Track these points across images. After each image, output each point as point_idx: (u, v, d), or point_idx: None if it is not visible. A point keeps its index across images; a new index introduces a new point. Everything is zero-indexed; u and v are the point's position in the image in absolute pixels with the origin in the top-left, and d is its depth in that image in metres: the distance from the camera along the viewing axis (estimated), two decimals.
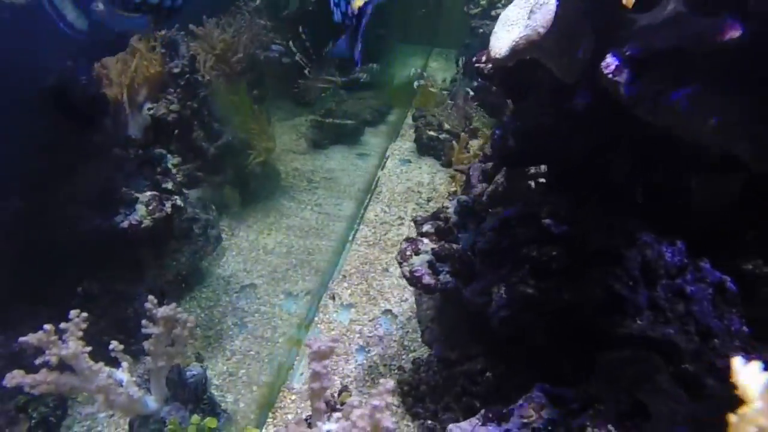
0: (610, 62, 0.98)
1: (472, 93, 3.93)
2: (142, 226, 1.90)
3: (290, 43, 3.51)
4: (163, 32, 2.76)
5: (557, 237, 1.41)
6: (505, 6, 3.98)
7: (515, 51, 1.18)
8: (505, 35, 1.28)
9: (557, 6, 1.17)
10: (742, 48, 0.94)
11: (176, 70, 2.59)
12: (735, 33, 0.97)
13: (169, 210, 1.96)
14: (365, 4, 1.43)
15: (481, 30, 4.16)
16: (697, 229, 1.58)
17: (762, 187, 0.87)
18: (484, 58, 1.69)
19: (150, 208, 1.92)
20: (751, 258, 1.52)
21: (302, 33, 3.42)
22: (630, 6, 1.45)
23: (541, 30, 1.15)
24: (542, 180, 2.10)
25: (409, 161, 3.67)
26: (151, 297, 1.49)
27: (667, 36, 1.08)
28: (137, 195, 1.96)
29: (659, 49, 0.96)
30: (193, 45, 2.98)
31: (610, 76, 0.98)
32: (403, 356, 2.25)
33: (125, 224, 1.87)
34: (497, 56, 1.23)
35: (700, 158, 1.12)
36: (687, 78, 0.91)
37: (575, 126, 1.39)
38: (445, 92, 4.08)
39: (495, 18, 4.02)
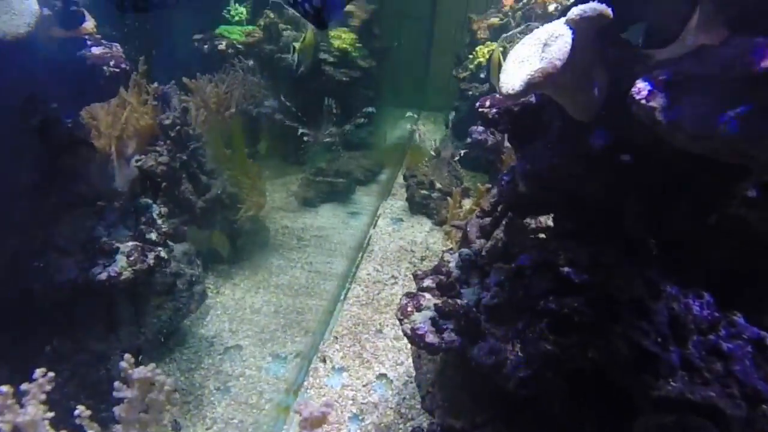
0: (641, 87, 0.92)
1: (462, 152, 3.94)
2: (122, 278, 1.75)
3: (284, 100, 3.50)
4: (155, 85, 2.72)
5: (578, 287, 1.30)
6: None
7: (531, 84, 1.12)
8: (517, 71, 1.22)
9: (573, 38, 1.12)
10: None
11: (167, 122, 2.53)
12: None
13: (151, 262, 1.82)
14: None
15: (470, 92, 4.22)
16: (719, 280, 1.49)
17: None
18: (488, 103, 1.64)
19: (131, 259, 1.78)
20: None
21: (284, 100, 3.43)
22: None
23: (558, 62, 1.10)
24: (542, 235, 2.02)
25: (401, 220, 3.58)
26: (127, 356, 1.33)
27: (694, 65, 1.03)
28: (118, 245, 1.82)
29: (693, 74, 0.90)
30: (186, 98, 2.94)
31: (643, 101, 0.91)
32: (401, 425, 2.07)
33: (103, 276, 1.72)
34: (510, 92, 1.17)
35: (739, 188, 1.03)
36: (731, 101, 0.85)
37: (590, 168, 1.32)
38: (435, 153, 4.08)
39: (483, 81, 4.12)
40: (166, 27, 4.44)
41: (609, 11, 1.11)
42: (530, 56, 1.25)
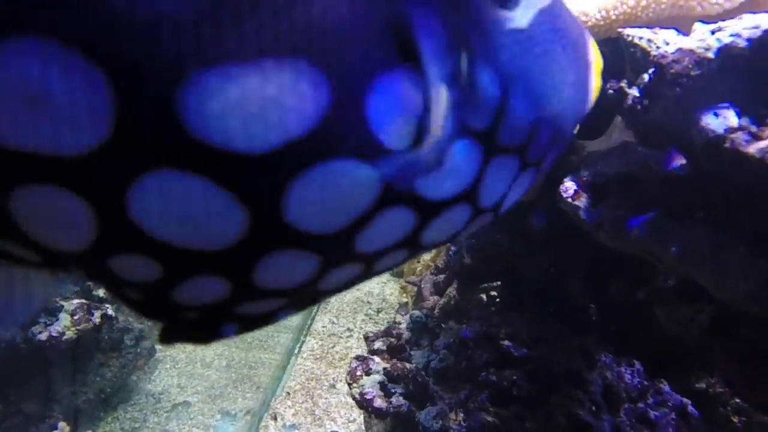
0: (568, 186, 0.99)
1: None
2: (64, 338, 1.70)
3: None
4: None
5: (517, 360, 1.35)
6: None
7: None
8: None
9: None
10: (691, 177, 0.97)
11: None
12: (679, 163, 1.01)
13: (97, 320, 1.78)
14: None
15: None
16: (652, 348, 1.57)
17: (729, 314, 0.86)
18: None
19: (76, 317, 1.74)
20: (704, 377, 1.51)
21: None
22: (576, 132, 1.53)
23: None
24: (494, 293, 2.08)
25: None
26: (62, 424, 1.29)
27: (616, 163, 1.12)
28: (63, 303, 1.78)
29: (614, 175, 0.97)
30: None
31: (570, 200, 0.98)
32: None
33: (43, 336, 1.67)
34: None
35: (658, 284, 1.11)
36: (645, 205, 0.92)
37: (531, 245, 1.39)
38: None
39: None
40: None
41: None
42: None
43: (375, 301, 3.25)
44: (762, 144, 0.69)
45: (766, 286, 0.70)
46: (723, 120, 0.74)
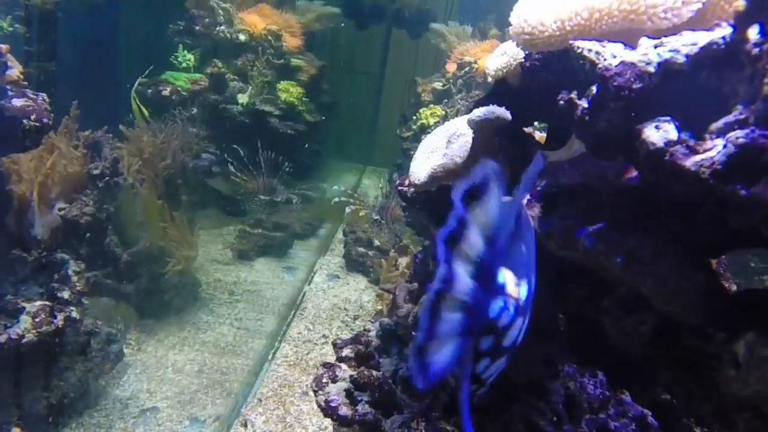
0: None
1: (402, 211, 4.01)
2: (24, 341, 1.67)
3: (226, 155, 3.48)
4: (87, 132, 2.68)
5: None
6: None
7: (433, 178, 1.19)
8: (425, 161, 1.30)
9: (473, 138, 1.20)
10: (640, 189, 0.98)
11: (96, 172, 2.48)
12: (632, 174, 1.02)
13: (60, 323, 1.76)
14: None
15: (411, 152, 4.30)
16: (614, 359, 1.57)
17: (672, 326, 0.87)
18: (407, 182, 1.71)
19: (37, 320, 1.72)
20: (653, 387, 1.51)
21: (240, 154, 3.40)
22: (543, 142, 1.54)
23: (458, 159, 1.17)
24: None
25: (338, 277, 3.59)
26: (16, 430, 1.27)
27: (574, 173, 1.13)
28: (24, 304, 1.75)
29: (568, 185, 0.98)
30: (120, 145, 2.91)
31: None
32: None
33: (2, 338, 1.64)
34: (417, 182, 1.24)
35: (611, 294, 1.12)
36: (594, 215, 0.93)
37: None
38: (374, 209, 4.14)
39: None
40: (109, 68, 4.42)
41: (507, 115, 1.21)
42: (438, 148, 1.33)
43: (352, 308, 3.24)
44: (698, 158, 0.70)
45: (701, 297, 0.71)
46: (663, 133, 0.75)
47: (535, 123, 1.70)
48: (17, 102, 1.86)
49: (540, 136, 1.54)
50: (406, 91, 5.27)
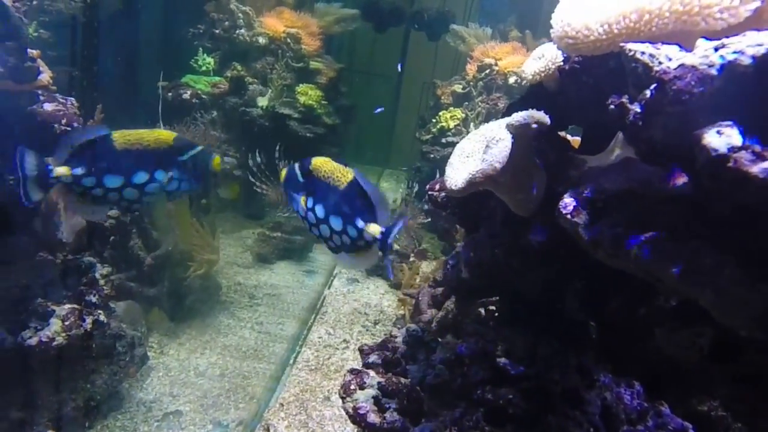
0: (568, 203, 0.97)
1: (423, 216, 3.99)
2: (54, 344, 1.68)
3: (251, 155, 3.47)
4: None
5: (513, 378, 1.32)
6: (454, 135, 4.19)
7: (471, 184, 1.17)
8: (461, 167, 1.27)
9: (512, 142, 1.18)
10: (693, 196, 0.95)
11: None
12: (680, 181, 0.99)
13: (88, 326, 1.76)
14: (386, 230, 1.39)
15: (431, 155, 4.33)
16: (652, 368, 1.53)
17: (730, 338, 0.83)
18: (437, 187, 1.69)
19: (66, 323, 1.72)
20: (705, 399, 1.47)
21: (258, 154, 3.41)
22: (577, 146, 1.51)
23: (498, 165, 1.15)
24: (493, 308, 2.05)
25: (357, 281, 3.57)
26: None
27: (617, 180, 1.10)
28: (54, 307, 1.76)
29: (614, 192, 0.95)
30: None
31: (569, 216, 0.96)
32: None
33: (33, 341, 1.65)
34: (453, 188, 1.21)
35: (652, 303, 1.09)
36: (645, 223, 0.90)
37: (530, 261, 1.36)
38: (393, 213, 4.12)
39: (445, 145, 4.24)
40: (131, 72, 4.45)
41: (547, 119, 1.18)
42: (474, 153, 1.30)
43: (372, 313, 3.22)
44: (765, 164, 0.67)
45: (766, 311, 0.68)
46: (726, 138, 0.72)
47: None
48: (48, 107, 1.87)
49: (573, 139, 1.52)
50: (424, 93, 5.25)
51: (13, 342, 1.68)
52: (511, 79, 4.13)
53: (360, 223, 1.41)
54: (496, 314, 1.71)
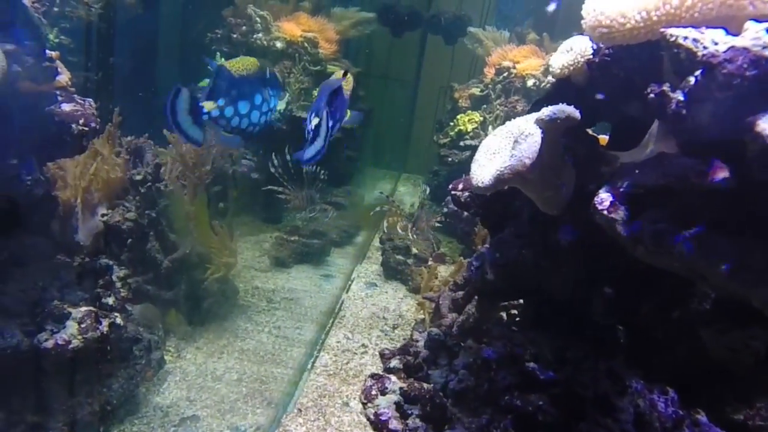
0: (604, 198, 0.92)
1: (440, 218, 3.94)
2: (70, 346, 1.66)
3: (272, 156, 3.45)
4: (130, 138, 2.69)
5: (543, 383, 1.26)
6: (472, 138, 4.13)
7: (500, 180, 1.12)
8: (488, 164, 1.23)
9: (542, 138, 1.13)
10: (737, 190, 0.89)
11: (138, 177, 2.48)
12: (721, 175, 0.93)
13: (105, 329, 1.74)
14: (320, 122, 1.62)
15: (449, 159, 4.28)
16: (684, 373, 1.47)
17: None
18: (461, 186, 1.65)
19: (83, 326, 1.70)
20: (741, 407, 1.40)
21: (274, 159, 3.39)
22: (604, 143, 1.46)
23: (527, 161, 1.10)
24: (514, 311, 1.99)
25: (375, 285, 3.53)
26: None
27: (652, 175, 1.04)
28: (70, 310, 1.74)
29: (653, 187, 0.90)
30: (162, 150, 2.91)
31: (605, 212, 0.91)
32: None
33: (49, 344, 1.63)
34: (480, 185, 1.17)
35: (699, 306, 1.03)
36: (687, 218, 0.84)
37: (558, 261, 1.31)
38: (412, 217, 4.08)
39: (463, 148, 4.19)
40: (149, 76, 4.48)
41: (577, 114, 1.13)
42: (501, 150, 1.25)
43: (391, 317, 3.17)
44: None
45: None
46: None
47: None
48: (66, 107, 1.87)
49: (600, 138, 1.46)
50: (441, 97, 5.21)
51: (29, 344, 1.66)
52: (530, 82, 4.07)
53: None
54: (517, 318, 1.65)
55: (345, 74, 1.71)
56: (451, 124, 4.32)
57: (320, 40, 4.34)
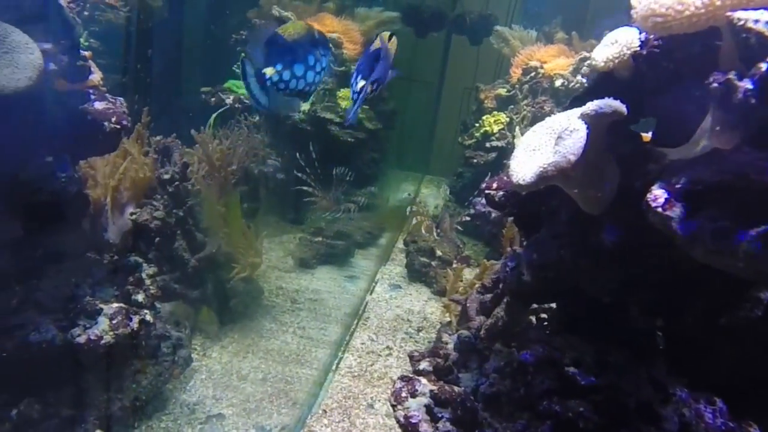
0: (658, 195, 0.88)
1: (462, 220, 3.91)
2: (102, 342, 1.66)
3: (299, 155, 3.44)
4: (158, 138, 2.71)
5: (583, 389, 1.22)
6: (498, 139, 4.08)
7: (543, 177, 1.08)
8: (529, 161, 1.19)
9: (588, 134, 1.09)
10: None
11: (166, 176, 2.49)
12: None
13: (135, 326, 1.74)
14: (365, 85, 1.77)
15: (474, 160, 4.23)
16: (730, 382, 1.41)
17: None
18: (495, 185, 1.61)
19: (114, 322, 1.70)
20: None
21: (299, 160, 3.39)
22: (647, 140, 1.41)
23: (572, 157, 1.06)
24: (544, 315, 1.94)
25: (400, 287, 3.50)
26: None
27: (706, 172, 0.99)
28: (102, 306, 1.74)
29: (712, 183, 0.85)
30: (189, 150, 2.93)
31: (660, 210, 0.87)
32: None
33: (82, 339, 1.63)
34: (522, 182, 1.13)
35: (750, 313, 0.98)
36: (751, 217, 0.80)
37: (601, 262, 1.27)
38: (436, 219, 4.04)
39: (489, 149, 4.14)
40: (175, 78, 4.52)
41: (624, 108, 1.09)
42: (541, 146, 1.22)
43: (415, 320, 3.14)
44: None
45: None
46: None
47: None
48: (99, 105, 1.88)
49: (644, 135, 1.41)
50: (466, 98, 5.16)
51: (63, 339, 1.67)
52: (558, 82, 4.00)
53: None
54: (546, 322, 1.60)
55: (391, 36, 1.81)
56: (477, 125, 4.27)
57: (344, 41, 4.33)
